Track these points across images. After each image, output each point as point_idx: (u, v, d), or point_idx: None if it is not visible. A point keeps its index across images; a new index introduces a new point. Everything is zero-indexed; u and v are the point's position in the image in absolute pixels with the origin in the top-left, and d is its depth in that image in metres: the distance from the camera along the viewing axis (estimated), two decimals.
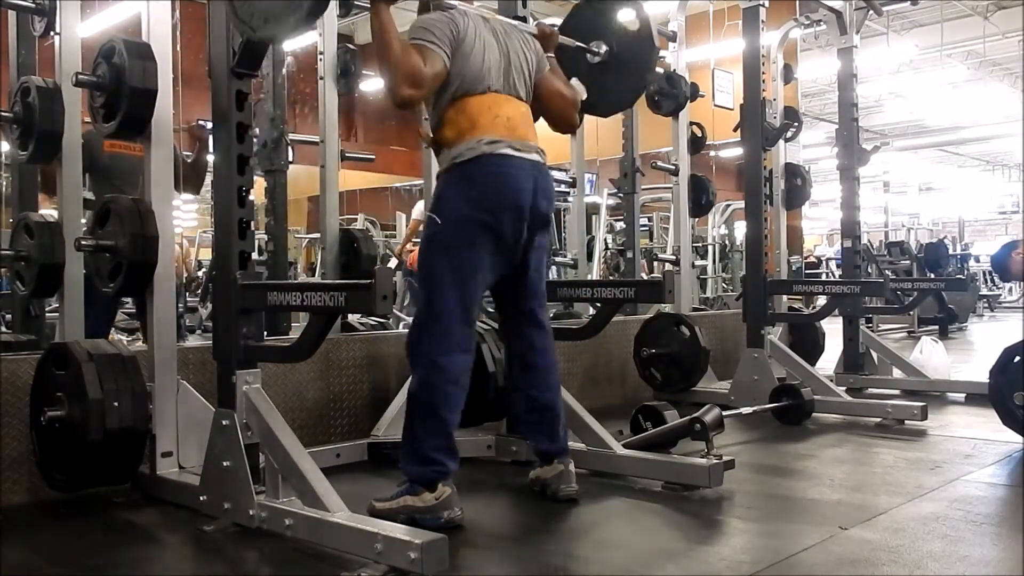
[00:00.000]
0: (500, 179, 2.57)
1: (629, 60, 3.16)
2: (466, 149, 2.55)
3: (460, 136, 2.58)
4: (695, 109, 5.53)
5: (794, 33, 6.06)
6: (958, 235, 18.20)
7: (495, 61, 2.64)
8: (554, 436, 2.80)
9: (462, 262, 2.55)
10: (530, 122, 2.73)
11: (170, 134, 2.85)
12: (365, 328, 4.34)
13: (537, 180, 2.64)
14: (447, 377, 2.52)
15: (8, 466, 2.76)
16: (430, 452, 2.48)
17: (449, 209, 2.56)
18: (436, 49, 2.51)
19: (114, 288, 2.75)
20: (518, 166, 2.59)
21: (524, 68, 2.74)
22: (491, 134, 2.56)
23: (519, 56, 2.73)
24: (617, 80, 3.19)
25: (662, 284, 3.14)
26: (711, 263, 10.61)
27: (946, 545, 2.28)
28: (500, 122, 2.60)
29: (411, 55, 2.46)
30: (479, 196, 2.55)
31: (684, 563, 2.24)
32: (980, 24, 13.20)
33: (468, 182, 2.56)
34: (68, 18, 3.11)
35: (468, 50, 2.57)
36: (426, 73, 2.47)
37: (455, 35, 2.56)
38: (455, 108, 2.59)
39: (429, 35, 2.53)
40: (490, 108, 2.60)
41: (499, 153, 2.56)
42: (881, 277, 5.85)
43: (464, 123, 2.58)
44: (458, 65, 2.56)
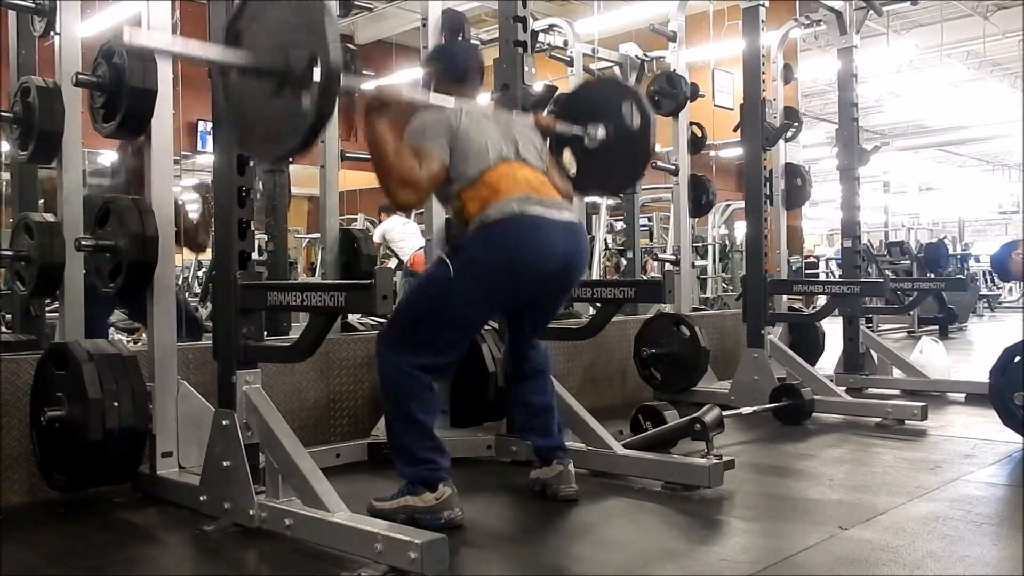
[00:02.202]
0: (532, 241, 2.49)
1: (625, 152, 3.13)
2: (494, 210, 2.48)
3: (486, 204, 2.50)
4: (695, 109, 5.53)
5: (794, 33, 6.07)
6: (958, 235, 18.20)
7: (499, 137, 2.63)
8: (549, 432, 2.82)
9: (463, 314, 2.55)
10: (549, 184, 2.69)
11: (170, 134, 2.85)
12: (365, 328, 4.34)
13: (570, 241, 2.58)
14: (417, 382, 2.51)
15: (8, 466, 2.76)
16: (420, 453, 2.49)
17: (469, 266, 2.47)
18: (432, 148, 2.50)
19: (114, 288, 2.75)
20: (549, 227, 2.52)
21: (533, 143, 2.75)
22: (516, 193, 2.51)
23: (525, 133, 2.74)
24: (609, 167, 3.15)
25: (662, 284, 3.14)
26: (711, 263, 10.60)
27: (946, 545, 2.28)
28: (521, 184, 2.56)
29: (405, 160, 2.44)
30: (507, 259, 2.47)
31: (684, 563, 2.24)
32: (980, 24, 13.19)
33: (497, 243, 2.47)
34: (68, 18, 3.11)
35: (468, 136, 2.56)
36: (422, 175, 2.46)
37: (451, 127, 2.55)
38: (472, 188, 2.54)
39: (424, 136, 2.53)
40: (507, 174, 2.57)
41: (531, 215, 2.49)
42: (881, 277, 5.84)
43: (486, 192, 2.52)
44: (462, 152, 2.54)
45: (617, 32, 8.78)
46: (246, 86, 2.13)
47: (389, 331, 2.56)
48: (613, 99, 3.13)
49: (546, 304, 2.78)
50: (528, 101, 3.32)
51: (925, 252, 10.89)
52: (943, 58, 13.86)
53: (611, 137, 3.10)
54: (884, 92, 16.66)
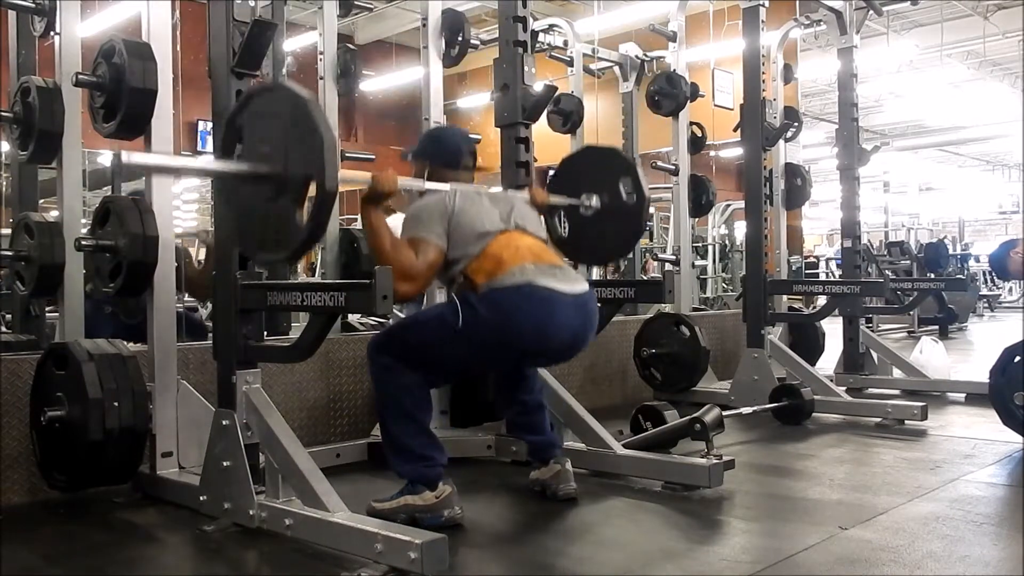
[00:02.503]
0: (543, 316, 2.45)
1: (617, 225, 3.15)
2: (506, 276, 2.46)
3: (492, 275, 2.49)
4: (695, 109, 5.53)
5: (794, 33, 6.07)
6: (958, 235, 18.19)
7: (495, 210, 2.64)
8: (542, 429, 2.84)
9: (462, 362, 2.56)
10: (551, 251, 2.69)
11: (170, 134, 2.85)
12: (365, 328, 4.34)
13: (581, 317, 2.56)
14: (410, 379, 2.51)
15: (8, 466, 2.76)
16: (418, 449, 2.49)
17: (473, 321, 2.44)
18: (428, 236, 2.51)
19: (114, 288, 2.75)
20: (560, 301, 2.48)
21: (532, 216, 2.77)
22: (521, 262, 2.50)
23: (523, 209, 2.76)
24: (601, 237, 3.18)
25: (662, 284, 3.14)
26: (711, 263, 10.60)
27: (946, 545, 2.28)
28: (523, 252, 2.55)
29: (401, 252, 2.44)
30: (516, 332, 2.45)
31: (684, 563, 2.24)
32: (980, 24, 13.18)
33: (504, 313, 2.44)
34: (68, 18, 3.10)
35: (465, 215, 2.56)
36: (418, 266, 2.46)
37: (446, 210, 2.55)
38: (477, 261, 2.53)
39: (420, 224, 2.53)
40: (508, 244, 2.57)
41: (541, 286, 2.47)
42: (881, 277, 5.84)
43: (490, 265, 2.51)
44: (460, 231, 2.54)
45: (617, 32, 8.77)
46: (243, 188, 2.17)
47: (387, 342, 2.56)
48: (613, 171, 3.15)
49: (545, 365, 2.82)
50: (528, 101, 3.32)
51: (925, 252, 10.89)
52: (943, 58, 13.85)
53: (605, 207, 3.12)
54: (884, 92, 16.66)
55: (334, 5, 4.04)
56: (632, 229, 3.16)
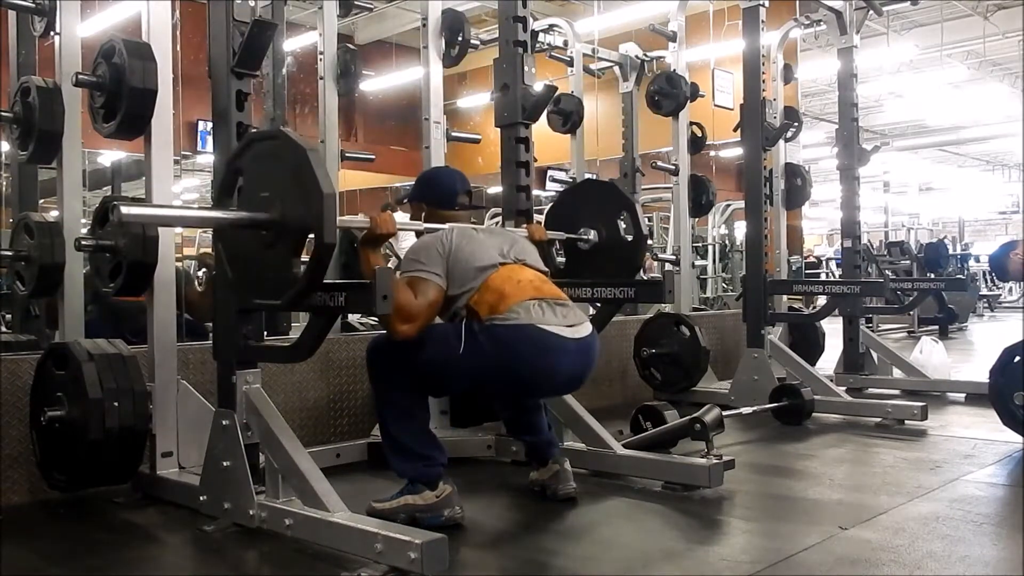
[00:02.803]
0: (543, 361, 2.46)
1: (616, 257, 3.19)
2: (510, 313, 2.46)
3: (494, 309, 2.48)
4: (695, 109, 5.53)
5: (794, 33, 6.06)
6: (958, 235, 18.20)
7: (495, 245, 2.65)
8: (539, 429, 2.84)
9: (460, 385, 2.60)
10: (551, 283, 2.69)
11: (170, 134, 2.85)
12: (365, 328, 4.34)
13: (581, 362, 2.56)
14: (408, 380, 2.52)
15: (8, 466, 2.76)
16: (418, 448, 2.49)
17: (477, 355, 2.44)
18: (428, 276, 2.50)
19: (114, 288, 2.75)
20: (562, 347, 2.47)
21: (531, 249, 2.78)
22: (521, 298, 2.49)
23: (522, 242, 2.77)
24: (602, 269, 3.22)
25: (662, 284, 3.14)
26: (711, 263, 10.59)
27: (946, 545, 2.28)
28: (524, 286, 2.55)
29: (400, 293, 2.41)
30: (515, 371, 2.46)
31: (684, 563, 2.24)
32: (980, 24, 13.18)
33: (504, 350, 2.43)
34: (68, 18, 3.10)
35: (463, 251, 2.56)
36: (418, 306, 2.45)
37: (445, 249, 2.56)
38: (478, 294, 2.52)
39: (419, 264, 2.53)
40: (510, 277, 2.57)
41: (545, 330, 2.46)
42: (881, 277, 5.84)
43: (492, 298, 2.50)
44: (459, 268, 2.54)
45: (617, 32, 8.76)
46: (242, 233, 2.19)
47: (387, 350, 2.55)
48: (611, 206, 3.17)
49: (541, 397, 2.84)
50: (528, 101, 3.32)
51: (925, 252, 10.87)
52: (943, 58, 13.85)
53: (603, 242, 3.15)
54: (884, 92, 16.65)
55: (334, 5, 4.04)
56: (630, 265, 3.20)
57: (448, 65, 4.01)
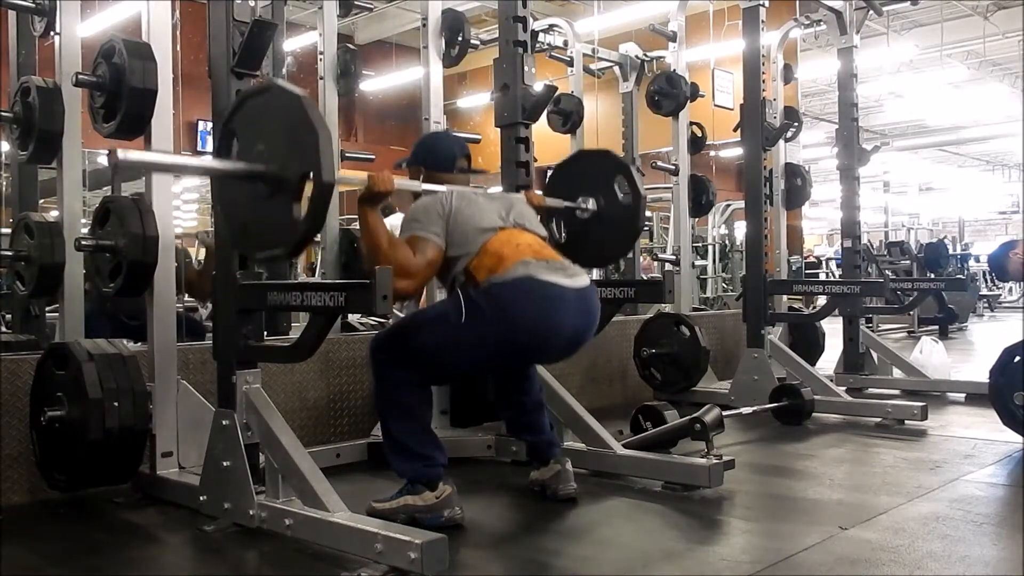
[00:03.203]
0: (545, 311, 2.45)
1: (614, 227, 3.16)
2: (508, 272, 2.46)
3: (493, 271, 2.48)
4: (695, 109, 5.53)
5: (794, 33, 6.06)
6: (958, 235, 18.20)
7: (494, 209, 2.65)
8: (541, 429, 2.84)
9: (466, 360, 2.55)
10: (550, 248, 2.69)
11: (170, 134, 2.85)
12: (365, 328, 4.34)
13: (583, 312, 2.56)
14: (411, 378, 2.51)
15: (8, 466, 2.76)
16: (418, 448, 2.49)
17: (480, 322, 2.43)
18: (427, 235, 2.51)
19: (114, 288, 2.75)
20: (562, 296, 2.48)
21: (530, 214, 2.77)
22: (521, 258, 2.50)
23: (522, 207, 2.76)
24: (599, 240, 3.18)
25: (662, 284, 3.14)
26: (711, 263, 10.60)
27: (946, 545, 2.28)
28: (523, 248, 2.55)
29: (398, 250, 2.44)
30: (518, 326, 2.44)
31: (684, 563, 2.24)
32: (980, 24, 13.18)
33: (509, 306, 2.43)
34: (68, 18, 3.10)
35: (462, 214, 2.57)
36: (416, 264, 2.46)
37: (445, 210, 2.56)
38: (477, 258, 2.53)
39: (418, 224, 2.53)
40: (509, 240, 2.57)
41: (542, 279, 2.46)
42: (881, 277, 5.84)
43: (491, 261, 2.51)
44: (459, 230, 2.54)
45: (617, 32, 8.77)
46: (240, 187, 2.16)
47: (388, 342, 2.55)
48: (606, 172, 3.15)
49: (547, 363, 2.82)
50: (528, 101, 3.32)
51: (925, 252, 10.88)
52: (943, 58, 13.85)
53: (602, 209, 3.12)
54: (884, 92, 16.66)
55: (334, 5, 4.04)
56: (630, 228, 3.16)
57: (448, 65, 4.01)
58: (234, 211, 2.25)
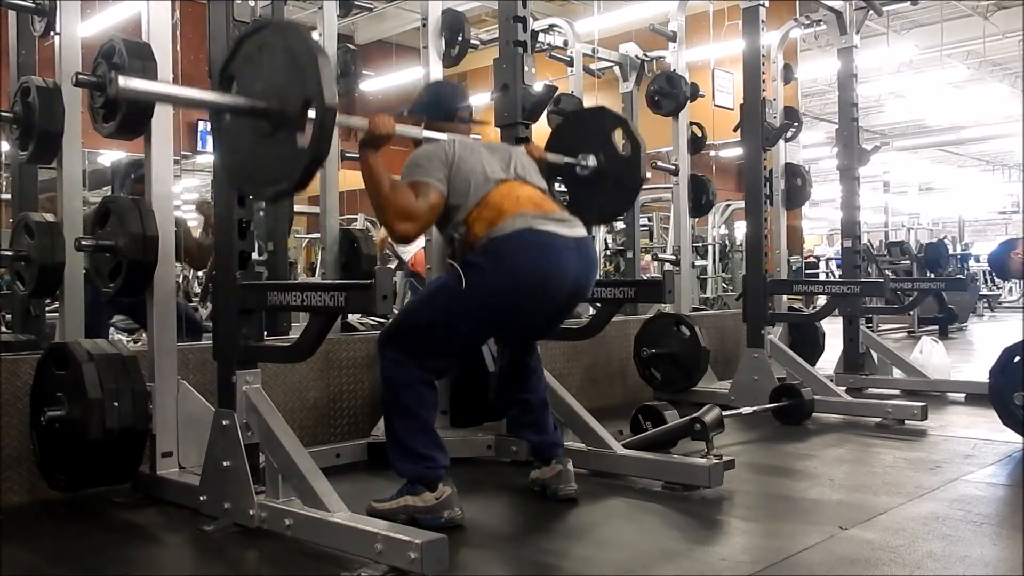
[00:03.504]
0: (546, 259, 2.48)
1: (616, 181, 3.14)
2: (506, 224, 2.47)
3: (492, 224, 2.50)
4: (695, 109, 5.53)
5: (794, 33, 6.06)
6: (958, 235, 18.19)
7: (497, 161, 2.65)
8: (544, 428, 2.83)
9: (471, 328, 2.56)
10: (551, 200, 2.70)
11: (170, 134, 2.85)
12: (365, 328, 4.34)
13: (582, 260, 2.58)
14: (418, 377, 2.51)
15: (8, 466, 2.76)
16: (420, 449, 2.48)
17: (481, 280, 2.45)
18: (429, 180, 2.51)
19: (114, 288, 2.75)
20: (562, 245, 2.51)
21: (531, 166, 2.77)
22: (520, 210, 2.51)
23: (524, 160, 2.76)
24: (600, 196, 3.17)
25: (662, 284, 3.14)
26: (711, 263, 10.60)
27: (946, 545, 2.28)
28: (524, 201, 2.56)
29: (401, 193, 2.46)
30: (520, 276, 2.46)
31: (684, 563, 2.24)
32: (980, 24, 13.19)
33: (510, 258, 2.45)
34: (68, 18, 3.10)
35: (465, 164, 2.57)
36: (419, 207, 2.47)
37: (448, 158, 2.56)
38: (477, 210, 2.54)
39: (420, 170, 2.54)
40: (509, 193, 2.58)
41: (543, 229, 2.49)
42: (881, 277, 5.84)
43: (490, 214, 2.52)
44: (460, 179, 2.55)
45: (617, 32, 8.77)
46: (241, 127, 2.14)
47: (394, 332, 2.56)
48: (603, 127, 3.13)
49: (551, 324, 2.79)
50: (528, 101, 3.32)
51: (925, 252, 10.89)
52: (943, 58, 13.85)
53: (602, 165, 3.11)
54: (884, 92, 16.66)
55: (334, 5, 4.04)
56: (632, 181, 3.13)
57: (448, 65, 4.01)
58: (237, 154, 2.20)
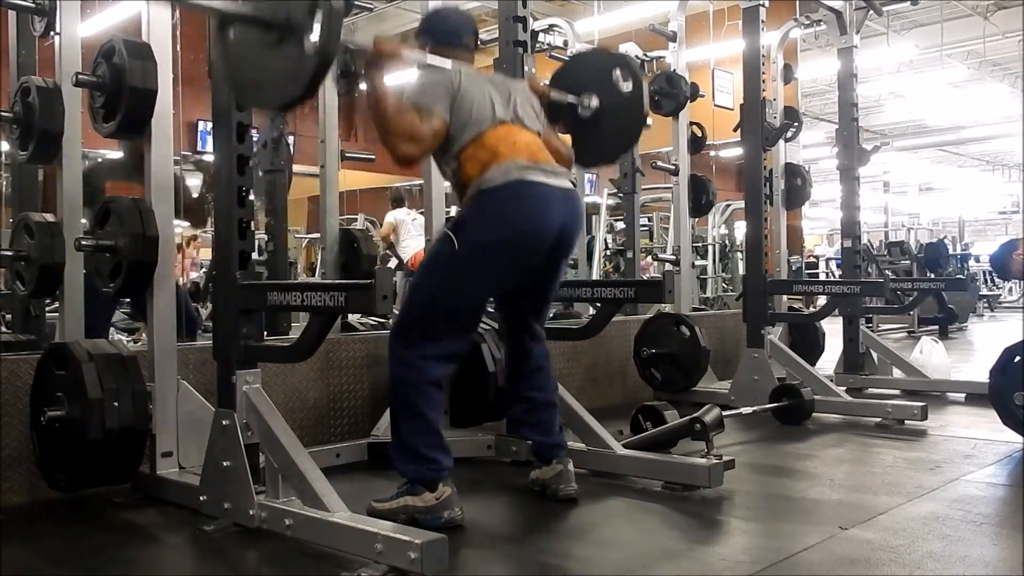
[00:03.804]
0: (533, 208, 2.51)
1: (618, 119, 3.11)
2: (498, 174, 2.50)
3: (485, 167, 2.52)
4: (695, 109, 5.53)
5: (794, 33, 6.07)
6: (958, 235, 18.19)
7: (498, 98, 2.64)
8: (549, 430, 2.81)
9: (471, 288, 2.55)
10: (546, 149, 2.70)
11: (170, 134, 2.85)
12: (365, 328, 4.33)
13: (569, 209, 2.60)
14: (426, 378, 2.50)
15: (8, 466, 2.76)
16: (423, 450, 2.48)
17: (471, 235, 2.48)
18: (433, 106, 2.51)
19: (114, 288, 2.75)
20: (550, 194, 2.54)
21: (531, 107, 2.75)
22: (514, 158, 2.53)
23: (524, 98, 2.74)
24: (604, 136, 3.14)
25: (662, 284, 3.14)
26: (711, 263, 10.60)
27: (946, 545, 2.28)
28: (520, 148, 2.57)
29: (406, 115, 2.46)
30: (508, 225, 2.48)
31: (684, 563, 2.24)
32: (980, 24, 13.19)
33: (498, 209, 2.49)
34: (68, 18, 3.10)
35: (468, 96, 2.57)
36: (423, 130, 2.47)
37: (452, 87, 2.56)
38: (472, 147, 2.55)
39: (425, 95, 2.53)
40: (507, 137, 2.58)
41: (532, 180, 2.52)
42: (881, 277, 5.84)
43: (485, 155, 2.54)
44: (462, 112, 2.55)
45: (617, 32, 8.79)
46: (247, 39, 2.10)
47: (400, 323, 2.56)
48: (603, 68, 3.12)
49: (544, 280, 2.75)
50: None
51: (925, 252, 10.90)
52: (943, 58, 13.86)
53: (604, 105, 3.09)
54: (884, 92, 16.67)
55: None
56: (635, 116, 3.09)
57: None
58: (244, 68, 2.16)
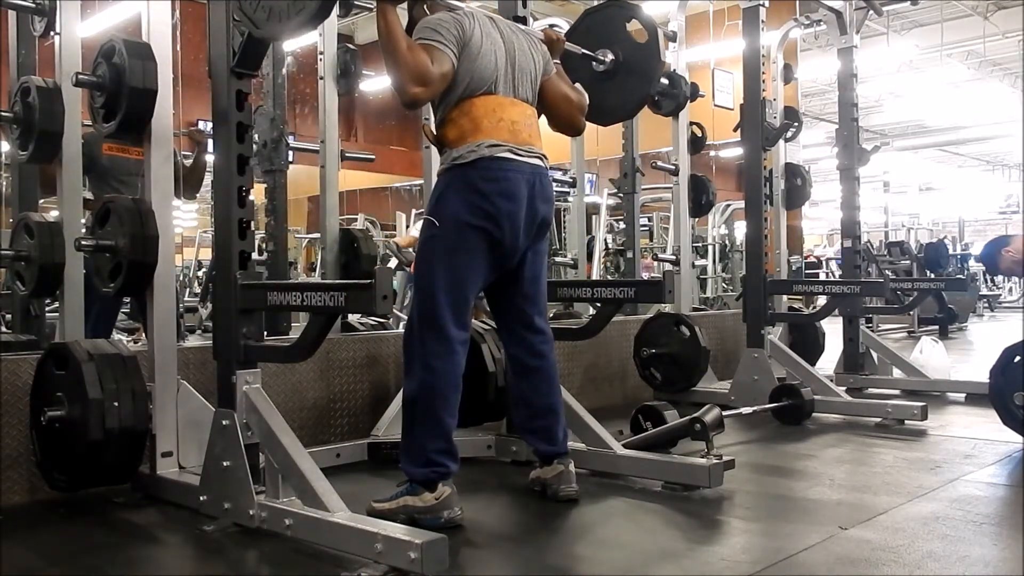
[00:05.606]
0: (498, 184, 2.54)
1: (634, 70, 3.13)
2: (467, 151, 2.53)
3: (462, 137, 2.55)
4: (695, 109, 5.52)
5: (794, 33, 6.07)
6: (958, 235, 18.20)
7: (501, 63, 2.61)
8: (552, 438, 2.79)
9: (457, 266, 2.54)
10: (535, 125, 2.70)
11: (170, 134, 2.85)
12: (365, 328, 4.34)
13: (535, 184, 2.62)
14: (444, 380, 2.51)
15: (8, 466, 2.76)
16: (431, 454, 2.47)
17: (448, 212, 2.53)
18: (444, 48, 2.49)
19: (114, 288, 2.75)
20: (517, 170, 2.57)
21: (530, 69, 2.72)
22: (493, 138, 2.54)
23: (525, 56, 2.71)
24: (621, 89, 3.16)
25: (662, 284, 3.14)
26: (711, 263, 10.60)
27: (946, 545, 2.28)
28: (504, 126, 2.58)
29: (418, 54, 2.43)
30: (477, 200, 2.52)
31: (684, 563, 2.24)
32: (980, 24, 13.20)
33: (467, 185, 2.53)
34: (68, 18, 3.10)
35: (475, 50, 2.55)
36: (434, 72, 2.45)
37: (462, 35, 2.53)
38: (460, 108, 2.57)
39: (436, 35, 2.50)
40: (494, 111, 2.58)
41: (499, 157, 2.54)
42: (881, 277, 5.84)
43: (467, 125, 2.55)
44: (465, 65, 2.53)
45: None
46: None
47: (420, 314, 2.56)
48: (619, 20, 3.11)
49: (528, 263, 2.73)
50: None
51: (925, 252, 10.90)
52: (943, 58, 13.87)
53: (619, 57, 3.08)
54: (884, 92, 16.67)
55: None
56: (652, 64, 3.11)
57: None
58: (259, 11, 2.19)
